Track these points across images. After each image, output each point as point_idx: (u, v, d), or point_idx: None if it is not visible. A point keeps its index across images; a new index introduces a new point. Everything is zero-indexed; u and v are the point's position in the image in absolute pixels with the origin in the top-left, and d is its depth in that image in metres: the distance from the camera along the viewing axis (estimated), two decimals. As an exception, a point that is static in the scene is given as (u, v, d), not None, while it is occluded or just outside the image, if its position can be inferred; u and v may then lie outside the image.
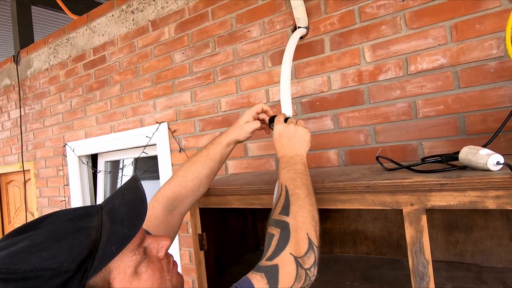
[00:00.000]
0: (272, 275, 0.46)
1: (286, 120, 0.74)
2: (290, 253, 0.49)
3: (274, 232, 0.52)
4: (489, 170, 0.56)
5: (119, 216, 0.44)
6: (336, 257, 1.06)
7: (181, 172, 0.75)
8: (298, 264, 0.48)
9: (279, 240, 0.50)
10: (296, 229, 0.52)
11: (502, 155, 0.57)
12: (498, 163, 0.55)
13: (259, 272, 0.47)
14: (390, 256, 1.00)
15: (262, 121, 0.80)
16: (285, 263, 0.48)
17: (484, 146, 0.74)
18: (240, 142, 0.78)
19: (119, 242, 0.41)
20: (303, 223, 0.53)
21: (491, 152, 0.57)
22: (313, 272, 0.51)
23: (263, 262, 0.49)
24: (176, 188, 0.73)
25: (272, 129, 0.75)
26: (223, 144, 0.76)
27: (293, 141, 0.68)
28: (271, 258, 0.49)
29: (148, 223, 0.66)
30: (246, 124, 0.76)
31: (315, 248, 0.52)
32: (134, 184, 0.50)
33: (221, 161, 0.78)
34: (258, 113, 0.79)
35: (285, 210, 0.55)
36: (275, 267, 0.47)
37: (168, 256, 0.53)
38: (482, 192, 0.54)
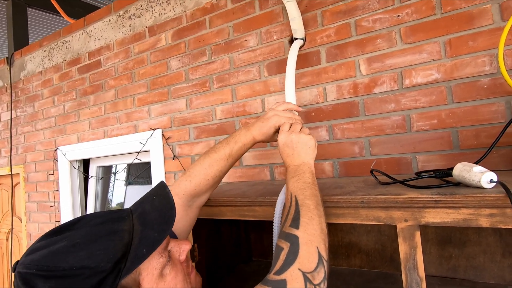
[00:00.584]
0: None
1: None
2: (299, 269, 0.47)
3: (284, 245, 0.51)
4: (482, 188, 0.56)
5: (149, 221, 0.48)
6: (329, 270, 1.05)
7: (203, 169, 0.72)
8: (307, 280, 0.47)
9: (288, 254, 0.49)
10: (306, 243, 0.50)
11: (495, 170, 0.57)
12: (491, 181, 0.55)
13: (267, 286, 0.46)
14: (383, 270, 0.99)
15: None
16: (293, 278, 0.46)
17: (478, 162, 0.75)
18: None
19: (150, 245, 0.44)
20: (313, 236, 0.51)
21: (485, 169, 0.57)
22: None
23: (271, 276, 0.48)
24: (197, 186, 0.71)
25: None
26: (249, 146, 0.74)
27: (297, 150, 0.67)
28: (279, 272, 0.47)
29: None
30: (276, 135, 0.73)
31: (325, 263, 0.50)
32: (163, 191, 0.53)
33: (240, 157, 0.77)
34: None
35: (295, 223, 0.54)
36: (283, 282, 0.45)
37: (187, 260, 0.56)
38: (475, 210, 0.53)
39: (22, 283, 0.39)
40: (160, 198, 0.52)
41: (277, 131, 0.73)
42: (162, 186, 0.55)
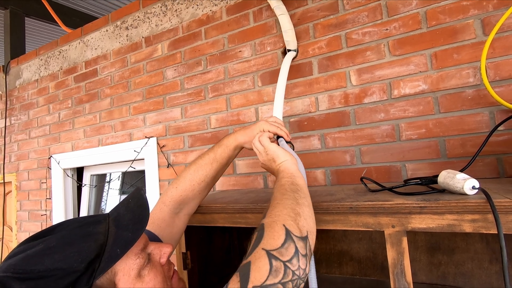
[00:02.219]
0: (244, 272, 0.44)
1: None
2: (262, 248, 0.46)
3: (253, 236, 0.51)
4: (465, 194, 0.58)
5: (123, 222, 0.49)
6: (321, 278, 1.05)
7: (188, 175, 0.74)
8: (272, 257, 0.45)
9: (255, 240, 0.49)
10: (270, 224, 0.50)
11: (480, 178, 0.59)
12: (473, 187, 0.57)
13: (236, 272, 0.46)
14: (375, 278, 1.00)
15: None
16: (257, 258, 0.45)
17: (463, 170, 0.78)
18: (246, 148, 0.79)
19: (124, 245, 0.45)
20: (277, 217, 0.51)
21: (467, 176, 0.59)
22: (297, 265, 0.46)
23: (241, 263, 0.48)
24: (183, 192, 0.73)
25: (277, 139, 0.76)
26: (231, 148, 0.76)
27: (270, 162, 0.69)
28: (246, 257, 0.47)
29: (155, 226, 0.68)
30: (262, 139, 0.74)
31: (296, 238, 0.48)
32: (137, 194, 0.55)
33: (228, 164, 0.78)
34: (270, 131, 0.76)
35: (263, 215, 0.55)
36: (248, 264, 0.45)
37: (169, 263, 0.57)
38: (459, 215, 0.55)
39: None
40: (135, 200, 0.54)
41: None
42: (137, 189, 0.56)
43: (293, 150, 0.78)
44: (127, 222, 0.49)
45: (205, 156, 0.76)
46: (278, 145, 0.76)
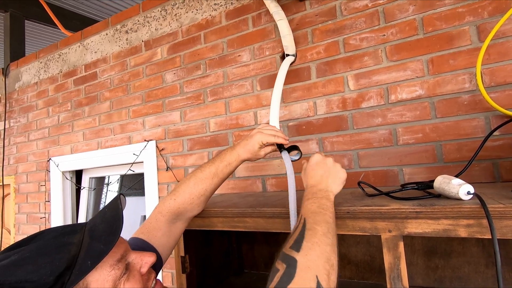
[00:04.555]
0: None
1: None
2: None
3: (280, 267, 0.47)
4: (460, 200, 0.59)
5: (97, 233, 0.48)
6: None
7: (188, 188, 0.73)
8: None
9: (282, 276, 0.45)
10: (304, 269, 0.45)
11: (476, 183, 0.60)
12: (468, 193, 0.58)
13: None
14: (372, 281, 1.01)
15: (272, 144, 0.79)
16: None
17: (458, 175, 0.79)
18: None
19: (95, 257, 0.44)
20: (313, 263, 0.46)
21: (462, 182, 0.60)
22: None
23: None
24: (181, 205, 0.72)
25: (281, 151, 0.76)
26: (233, 165, 0.75)
27: (327, 174, 0.66)
28: None
29: (150, 236, 0.67)
30: (262, 150, 0.76)
31: None
32: (114, 203, 0.53)
33: (227, 178, 0.78)
34: (269, 142, 0.76)
35: (297, 245, 0.49)
36: None
37: (150, 272, 0.55)
38: (454, 220, 0.56)
39: None
40: (111, 210, 0.52)
41: (261, 147, 0.75)
42: (115, 198, 0.55)
43: (301, 156, 0.79)
44: (101, 233, 0.48)
45: (205, 170, 0.74)
46: (280, 153, 0.76)
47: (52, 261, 0.42)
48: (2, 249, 2.26)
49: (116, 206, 0.52)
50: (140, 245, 0.64)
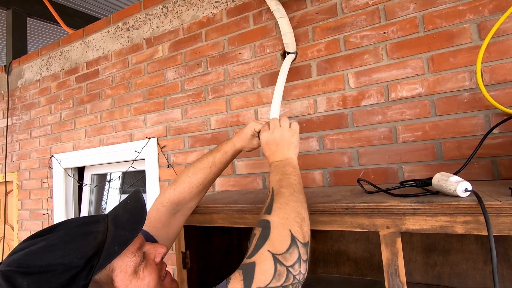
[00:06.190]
0: (248, 272, 0.46)
1: None
2: (268, 250, 0.48)
3: (256, 231, 0.53)
4: (458, 196, 0.59)
5: (121, 222, 0.51)
6: (319, 278, 1.07)
7: (187, 178, 0.76)
8: (277, 261, 0.47)
9: (259, 238, 0.51)
10: (277, 226, 0.51)
11: (475, 180, 0.60)
12: (466, 190, 0.58)
13: (238, 270, 0.48)
14: (371, 278, 1.01)
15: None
16: (262, 260, 0.47)
17: (457, 172, 0.79)
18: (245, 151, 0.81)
19: (121, 243, 0.48)
20: (285, 220, 0.52)
21: (460, 179, 0.60)
22: (298, 270, 0.48)
23: (244, 261, 0.49)
24: (181, 194, 0.75)
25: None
26: (229, 154, 0.78)
27: (280, 146, 0.70)
28: (250, 256, 0.49)
29: (151, 226, 0.70)
30: (255, 139, 0.79)
31: (300, 244, 0.50)
32: (135, 195, 0.57)
33: (225, 168, 0.80)
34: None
35: (268, 209, 0.56)
36: (252, 265, 0.47)
37: (162, 263, 0.59)
38: (451, 217, 0.57)
39: (3, 280, 0.42)
40: (133, 201, 0.56)
41: (254, 136, 0.78)
42: (136, 192, 0.59)
43: None
44: (125, 222, 0.51)
45: (204, 160, 0.78)
46: None
47: (80, 247, 0.45)
48: (5, 245, 2.29)
49: (138, 198, 0.56)
50: (144, 236, 0.66)
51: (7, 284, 0.42)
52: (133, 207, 0.55)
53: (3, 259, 0.46)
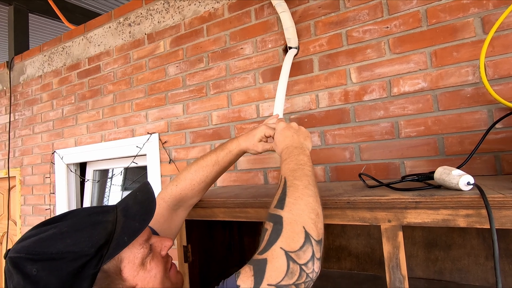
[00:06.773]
0: (259, 268, 0.45)
1: None
2: (281, 247, 0.46)
3: (268, 226, 0.51)
4: (460, 190, 0.59)
5: (131, 213, 0.52)
6: (320, 273, 1.07)
7: (189, 174, 0.76)
8: (290, 259, 0.45)
9: (271, 234, 0.48)
10: (291, 223, 0.49)
11: (477, 175, 0.60)
12: (468, 183, 0.58)
13: (249, 265, 0.46)
14: (372, 273, 1.01)
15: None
16: (274, 257, 0.45)
17: (459, 167, 0.78)
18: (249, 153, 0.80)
19: (131, 233, 0.48)
20: (298, 216, 0.49)
21: (463, 173, 0.60)
22: (312, 268, 0.46)
23: (255, 256, 0.48)
24: (183, 191, 0.75)
25: None
26: (234, 153, 0.77)
27: (298, 133, 0.69)
28: (261, 252, 0.47)
29: (154, 221, 0.69)
30: (261, 144, 0.77)
31: (314, 242, 0.48)
32: (145, 187, 0.58)
33: (228, 167, 0.80)
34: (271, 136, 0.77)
35: (280, 203, 0.53)
36: (264, 261, 0.45)
37: (168, 256, 0.59)
38: (453, 210, 0.56)
39: (12, 266, 0.42)
40: (142, 193, 0.57)
41: (261, 140, 0.76)
42: (145, 183, 0.59)
43: None
44: (135, 213, 0.52)
45: (207, 158, 0.77)
46: None
47: (91, 235, 0.46)
48: (8, 240, 2.30)
49: (148, 190, 0.57)
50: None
51: (16, 271, 0.42)
52: (143, 198, 0.55)
53: (12, 246, 0.46)
